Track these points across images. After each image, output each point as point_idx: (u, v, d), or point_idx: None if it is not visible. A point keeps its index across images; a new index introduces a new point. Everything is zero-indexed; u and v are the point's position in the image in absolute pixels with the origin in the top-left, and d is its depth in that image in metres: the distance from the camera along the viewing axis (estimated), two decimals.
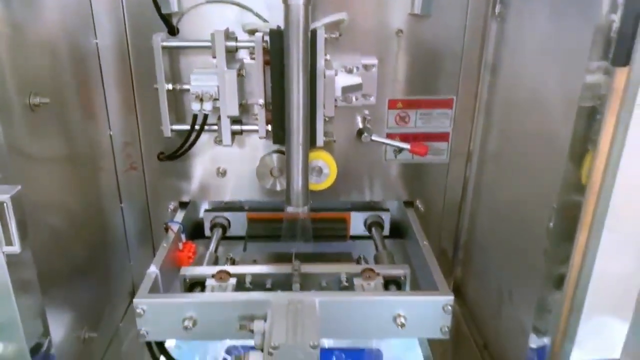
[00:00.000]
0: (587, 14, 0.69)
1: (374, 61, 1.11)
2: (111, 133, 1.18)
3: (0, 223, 0.64)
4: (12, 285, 0.71)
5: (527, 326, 0.93)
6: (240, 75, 1.05)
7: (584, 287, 0.76)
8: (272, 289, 1.04)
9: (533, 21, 0.96)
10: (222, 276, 1.02)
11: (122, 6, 1.07)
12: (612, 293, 0.75)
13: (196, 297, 0.97)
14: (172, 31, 1.07)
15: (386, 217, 1.29)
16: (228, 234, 1.28)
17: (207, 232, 1.28)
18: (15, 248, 0.66)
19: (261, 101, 1.07)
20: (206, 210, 1.29)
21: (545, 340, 0.86)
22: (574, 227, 0.77)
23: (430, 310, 0.93)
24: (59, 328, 0.95)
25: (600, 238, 0.71)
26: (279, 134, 1.07)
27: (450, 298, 0.93)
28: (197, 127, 1.10)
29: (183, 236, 1.14)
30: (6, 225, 0.64)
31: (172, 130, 1.11)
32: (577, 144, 0.76)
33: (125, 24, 1.09)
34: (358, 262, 1.17)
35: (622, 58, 0.56)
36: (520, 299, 1.01)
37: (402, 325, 0.92)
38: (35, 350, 0.80)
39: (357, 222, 1.29)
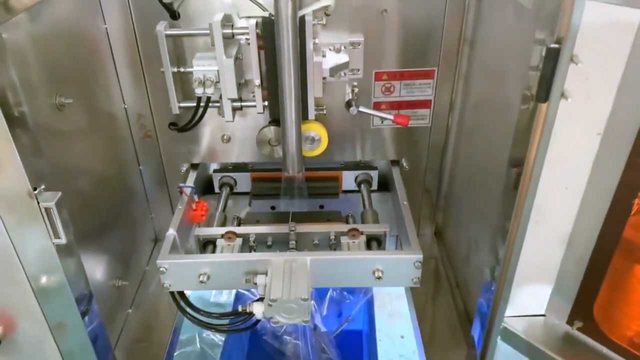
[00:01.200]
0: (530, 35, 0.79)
1: (360, 38, 1.19)
2: (125, 106, 1.30)
3: (49, 222, 0.81)
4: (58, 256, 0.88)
5: (483, 275, 1.10)
6: (238, 59, 1.16)
7: (517, 252, 0.90)
8: (272, 245, 1.21)
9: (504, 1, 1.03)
10: (230, 236, 1.19)
11: None
12: (539, 260, 0.90)
13: (209, 257, 1.13)
14: (174, 16, 1.16)
15: (374, 175, 1.43)
16: (235, 190, 1.44)
17: (217, 190, 1.45)
18: (62, 240, 0.83)
19: (257, 82, 1.18)
20: (215, 171, 1.43)
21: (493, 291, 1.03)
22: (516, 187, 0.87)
23: (403, 266, 1.07)
24: (96, 279, 1.15)
25: (532, 208, 0.84)
26: (275, 109, 1.19)
27: (419, 256, 1.06)
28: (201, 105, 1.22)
29: (195, 197, 1.30)
30: (54, 224, 0.81)
31: (180, 108, 1.22)
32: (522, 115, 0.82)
33: (130, 9, 1.18)
34: (347, 220, 1.31)
35: (543, 96, 0.67)
36: (482, 249, 1.17)
37: (380, 277, 1.07)
38: (79, 300, 0.98)
39: (348, 179, 1.44)
